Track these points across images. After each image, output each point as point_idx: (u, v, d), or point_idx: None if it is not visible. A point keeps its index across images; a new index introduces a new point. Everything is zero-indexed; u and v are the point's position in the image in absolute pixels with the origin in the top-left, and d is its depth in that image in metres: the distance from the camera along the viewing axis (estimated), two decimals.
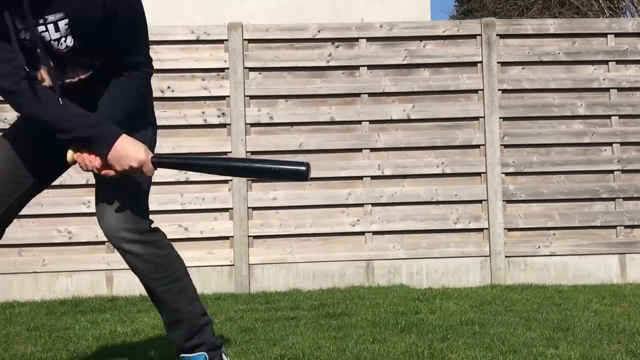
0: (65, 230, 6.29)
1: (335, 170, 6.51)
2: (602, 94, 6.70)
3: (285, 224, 6.46)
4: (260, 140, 6.50)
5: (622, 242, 6.60)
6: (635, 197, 6.61)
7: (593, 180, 6.64)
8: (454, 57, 6.64)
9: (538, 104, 6.64)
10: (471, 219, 6.52)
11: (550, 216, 6.55)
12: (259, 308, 5.21)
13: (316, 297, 5.65)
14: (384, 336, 3.88)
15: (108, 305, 5.49)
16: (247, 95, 6.52)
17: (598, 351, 3.40)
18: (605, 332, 3.91)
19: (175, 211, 6.39)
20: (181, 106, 6.47)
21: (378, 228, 6.48)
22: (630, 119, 6.70)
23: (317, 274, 6.42)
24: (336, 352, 3.47)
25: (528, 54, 6.67)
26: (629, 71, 6.73)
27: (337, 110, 6.56)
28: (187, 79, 6.51)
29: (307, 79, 6.58)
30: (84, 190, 6.32)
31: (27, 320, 4.90)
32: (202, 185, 6.42)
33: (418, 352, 3.41)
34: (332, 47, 6.62)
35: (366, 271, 6.44)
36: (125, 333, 4.25)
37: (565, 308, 4.84)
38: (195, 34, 6.55)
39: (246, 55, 6.54)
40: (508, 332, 3.93)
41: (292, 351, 3.50)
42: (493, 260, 6.46)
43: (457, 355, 3.37)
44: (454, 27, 6.76)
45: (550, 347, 3.52)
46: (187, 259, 6.73)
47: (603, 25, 6.86)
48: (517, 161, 6.58)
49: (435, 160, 6.56)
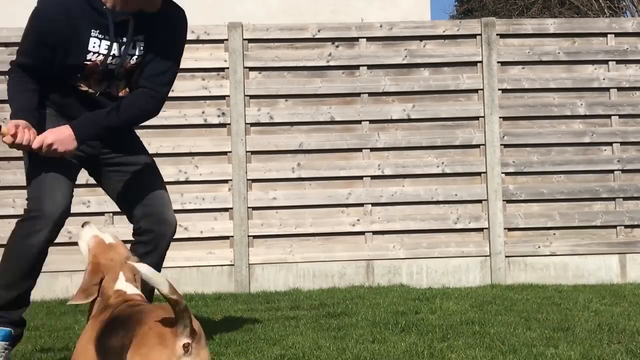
0: (65, 230, 6.23)
1: (335, 170, 6.51)
2: (602, 93, 6.69)
3: (285, 223, 6.46)
4: (260, 139, 6.50)
5: (622, 242, 6.59)
6: (635, 197, 6.61)
7: (593, 180, 6.64)
8: (454, 57, 6.63)
9: (538, 103, 6.63)
10: (471, 218, 6.52)
11: (550, 216, 6.55)
12: (259, 308, 5.20)
13: (316, 297, 5.65)
14: (384, 336, 3.88)
15: None
16: (247, 95, 6.51)
17: (598, 351, 3.39)
18: (605, 332, 3.91)
19: (175, 211, 6.34)
20: (181, 106, 6.46)
21: (378, 228, 6.48)
22: (630, 119, 6.69)
23: (317, 274, 6.42)
24: (336, 352, 3.46)
25: (528, 54, 6.67)
26: (629, 71, 6.73)
27: (337, 110, 6.56)
28: (187, 79, 6.51)
29: (307, 78, 6.58)
30: (84, 190, 6.31)
31: (27, 320, 4.89)
32: (202, 185, 6.42)
33: (418, 352, 3.41)
34: (332, 47, 6.62)
35: (366, 271, 6.44)
36: None
37: (565, 308, 4.84)
38: (195, 33, 6.54)
39: (246, 55, 6.53)
40: (508, 331, 3.92)
41: (292, 351, 3.50)
42: (493, 260, 6.45)
43: (457, 355, 3.36)
44: (454, 26, 6.75)
45: (550, 346, 3.52)
46: (187, 258, 6.77)
47: (603, 25, 6.86)
48: (517, 161, 6.58)
49: (435, 160, 6.55)
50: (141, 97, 3.20)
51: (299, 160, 6.51)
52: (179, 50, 3.34)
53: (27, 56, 3.12)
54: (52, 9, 3.05)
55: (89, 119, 3.12)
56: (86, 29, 3.06)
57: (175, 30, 3.26)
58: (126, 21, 3.10)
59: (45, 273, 6.25)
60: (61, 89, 3.18)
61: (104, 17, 3.07)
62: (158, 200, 3.35)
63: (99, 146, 3.28)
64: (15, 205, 6.29)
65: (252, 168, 6.48)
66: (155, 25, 3.17)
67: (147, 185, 3.34)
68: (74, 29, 3.04)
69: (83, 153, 3.22)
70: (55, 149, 3.01)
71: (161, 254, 3.39)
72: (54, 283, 6.24)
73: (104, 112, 3.13)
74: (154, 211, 3.33)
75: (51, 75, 3.13)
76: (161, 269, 3.40)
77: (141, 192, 3.32)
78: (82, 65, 3.10)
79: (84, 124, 3.09)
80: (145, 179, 3.34)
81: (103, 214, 6.34)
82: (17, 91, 3.10)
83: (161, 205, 3.37)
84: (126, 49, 3.13)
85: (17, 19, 7.75)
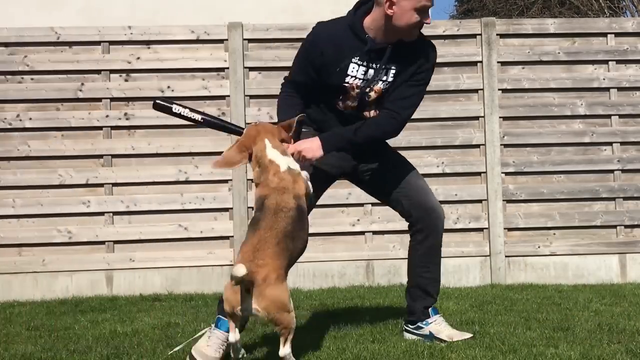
0: (65, 230, 6.29)
1: None
2: (602, 93, 6.69)
3: None
4: None
5: (622, 242, 6.59)
6: (635, 197, 6.61)
7: (593, 180, 6.64)
8: (454, 57, 6.63)
9: (538, 103, 6.63)
10: (471, 218, 6.52)
11: (550, 216, 6.55)
12: None
13: (316, 296, 5.65)
14: (384, 336, 3.88)
15: (108, 305, 5.49)
16: (247, 95, 6.51)
17: (598, 351, 3.39)
18: (605, 331, 3.91)
19: (175, 211, 6.39)
20: None
21: (378, 228, 6.48)
22: (630, 119, 6.69)
23: (317, 274, 6.42)
24: (336, 352, 3.46)
25: (528, 54, 6.67)
26: (629, 71, 6.73)
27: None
28: (187, 79, 6.51)
29: None
30: (84, 190, 6.33)
31: (27, 320, 4.90)
32: (202, 185, 6.42)
33: (418, 352, 3.41)
34: None
35: (366, 271, 6.44)
36: (125, 333, 4.25)
37: (565, 308, 4.84)
38: (195, 33, 6.55)
39: (246, 55, 6.53)
40: (508, 331, 3.92)
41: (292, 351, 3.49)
42: (493, 260, 6.45)
43: (457, 355, 3.36)
44: (454, 26, 6.75)
45: (550, 346, 3.52)
46: (187, 258, 6.76)
47: (603, 25, 6.86)
48: (517, 161, 6.58)
49: (435, 160, 6.55)
50: (383, 118, 3.61)
51: None
52: (426, 78, 3.69)
53: (296, 75, 3.68)
54: (323, 40, 3.58)
55: (336, 134, 3.60)
56: (348, 55, 3.55)
57: (426, 60, 3.63)
58: (383, 49, 3.54)
59: (46, 273, 6.30)
60: (322, 108, 3.71)
61: (365, 44, 3.53)
62: (418, 191, 3.77)
63: (350, 159, 3.76)
64: (15, 205, 6.29)
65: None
66: (408, 55, 3.57)
67: (402, 180, 3.77)
68: (338, 56, 3.54)
69: (339, 167, 3.76)
70: (304, 155, 3.49)
71: (437, 238, 3.78)
72: (54, 283, 6.24)
73: (349, 129, 3.59)
74: (417, 202, 3.74)
75: (315, 94, 3.67)
76: (440, 252, 3.82)
77: (400, 188, 3.76)
78: (341, 87, 3.59)
79: (331, 137, 3.58)
80: (399, 174, 3.79)
81: (103, 214, 6.34)
82: (284, 104, 3.67)
83: (423, 194, 3.77)
84: (379, 74, 3.57)
85: (17, 19, 7.78)
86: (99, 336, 4.17)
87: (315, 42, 3.60)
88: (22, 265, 6.27)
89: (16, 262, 6.26)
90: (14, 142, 6.35)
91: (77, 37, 6.48)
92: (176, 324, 4.53)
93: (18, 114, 6.36)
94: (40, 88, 6.40)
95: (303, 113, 3.57)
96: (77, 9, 8.24)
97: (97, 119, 6.42)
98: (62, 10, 8.15)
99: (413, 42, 3.58)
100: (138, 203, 6.37)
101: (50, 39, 6.44)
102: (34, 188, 6.32)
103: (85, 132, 6.42)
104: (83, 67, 6.46)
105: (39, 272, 6.26)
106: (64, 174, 6.35)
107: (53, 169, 6.35)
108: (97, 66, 6.47)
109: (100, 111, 6.43)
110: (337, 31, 3.58)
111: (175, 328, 4.40)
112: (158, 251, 6.36)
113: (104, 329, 4.43)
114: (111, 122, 6.43)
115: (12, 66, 6.40)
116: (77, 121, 6.40)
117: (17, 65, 6.40)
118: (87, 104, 6.44)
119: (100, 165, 6.40)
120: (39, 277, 6.27)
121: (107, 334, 4.23)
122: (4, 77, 6.42)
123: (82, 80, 6.45)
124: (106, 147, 6.41)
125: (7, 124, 6.35)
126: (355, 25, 3.57)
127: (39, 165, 6.36)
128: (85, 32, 6.50)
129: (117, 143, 6.42)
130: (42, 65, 6.42)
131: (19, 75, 6.41)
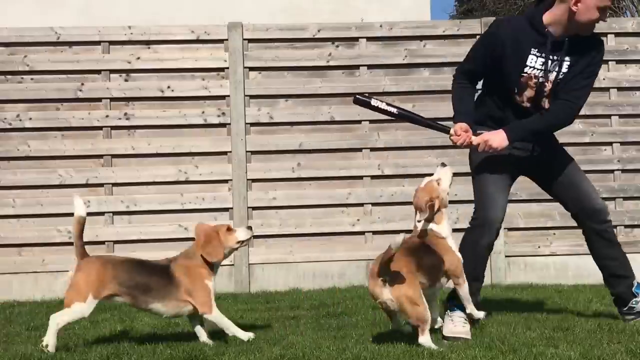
0: (65, 230, 6.28)
1: (336, 169, 6.51)
2: (602, 93, 6.69)
3: (285, 223, 6.46)
4: (260, 139, 6.50)
5: (622, 242, 6.51)
6: (635, 197, 6.60)
7: (593, 180, 6.51)
8: (454, 57, 6.61)
9: None
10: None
11: (550, 216, 6.54)
12: (259, 308, 5.21)
13: (316, 296, 5.65)
14: (383, 336, 3.88)
15: (108, 305, 5.47)
16: (247, 95, 6.51)
17: (598, 351, 3.39)
18: (605, 331, 3.91)
19: (175, 211, 6.39)
20: (181, 106, 6.46)
21: (378, 228, 6.47)
22: (630, 119, 6.69)
23: (317, 274, 6.42)
24: (336, 352, 3.46)
25: None
26: (629, 71, 6.73)
27: (337, 110, 6.56)
28: (187, 79, 6.51)
29: (307, 78, 6.58)
30: (84, 190, 6.32)
31: (27, 320, 4.90)
32: (202, 185, 6.42)
33: (418, 352, 3.41)
34: (332, 47, 6.62)
35: (366, 271, 6.43)
36: (125, 333, 4.25)
37: (565, 308, 4.84)
38: (195, 33, 6.55)
39: (246, 55, 6.53)
40: (508, 331, 3.92)
41: (292, 351, 3.49)
42: (493, 260, 6.44)
43: (457, 355, 3.36)
44: (454, 26, 6.75)
45: (550, 346, 3.52)
46: None
47: (603, 25, 6.78)
48: None
49: (435, 160, 6.54)
50: (560, 106, 3.91)
51: (299, 160, 6.51)
52: (596, 70, 3.98)
53: (470, 63, 4.02)
54: (503, 34, 3.88)
55: (519, 124, 3.93)
56: (527, 47, 3.85)
57: (597, 53, 3.94)
58: (562, 42, 3.84)
59: (46, 273, 6.30)
60: (500, 104, 3.99)
61: (545, 37, 3.83)
62: (585, 195, 4.21)
63: (527, 149, 4.04)
64: (15, 205, 6.29)
65: (252, 168, 6.48)
66: (582, 48, 3.87)
67: (571, 180, 4.18)
68: (518, 47, 3.85)
69: (517, 156, 4.04)
70: (490, 144, 3.87)
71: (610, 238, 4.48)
72: (54, 283, 6.24)
73: (532, 119, 3.92)
74: (584, 206, 4.19)
75: (493, 90, 4.00)
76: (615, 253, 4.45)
77: (568, 188, 4.19)
78: (518, 78, 3.88)
79: (514, 127, 3.91)
80: (568, 174, 4.19)
81: (103, 213, 6.35)
82: (459, 97, 4.03)
83: (589, 199, 4.20)
84: (556, 66, 3.86)
85: (17, 19, 7.77)
86: (99, 336, 4.17)
87: (497, 33, 3.91)
88: (22, 265, 6.27)
89: (16, 262, 6.26)
90: (14, 142, 6.35)
91: (77, 37, 6.48)
92: (176, 324, 4.53)
93: (18, 114, 6.36)
94: (40, 88, 6.40)
95: (474, 102, 4.01)
96: (77, 9, 8.24)
97: (97, 119, 6.42)
98: (62, 10, 8.14)
99: (585, 37, 3.88)
100: (138, 203, 6.37)
101: (50, 39, 6.44)
102: (34, 188, 6.33)
103: (85, 132, 6.42)
104: (83, 67, 6.46)
105: (39, 272, 6.26)
106: (64, 174, 6.35)
107: (53, 169, 6.35)
108: (97, 66, 6.47)
109: (100, 111, 6.43)
110: (519, 24, 3.91)
111: (175, 328, 4.40)
112: (158, 251, 6.34)
113: (104, 329, 4.43)
114: (111, 122, 6.42)
115: (12, 66, 6.40)
116: (77, 121, 6.40)
117: (17, 65, 6.40)
118: (87, 104, 6.44)
119: (100, 165, 6.40)
120: (39, 277, 6.27)
121: (107, 334, 4.23)
122: (4, 77, 6.42)
123: (82, 80, 6.45)
124: (106, 147, 6.41)
125: (7, 124, 6.35)
126: (535, 18, 3.87)
127: (39, 165, 6.36)
128: (85, 32, 6.50)
129: (117, 143, 6.42)
130: (42, 65, 6.42)
131: (19, 75, 6.41)
